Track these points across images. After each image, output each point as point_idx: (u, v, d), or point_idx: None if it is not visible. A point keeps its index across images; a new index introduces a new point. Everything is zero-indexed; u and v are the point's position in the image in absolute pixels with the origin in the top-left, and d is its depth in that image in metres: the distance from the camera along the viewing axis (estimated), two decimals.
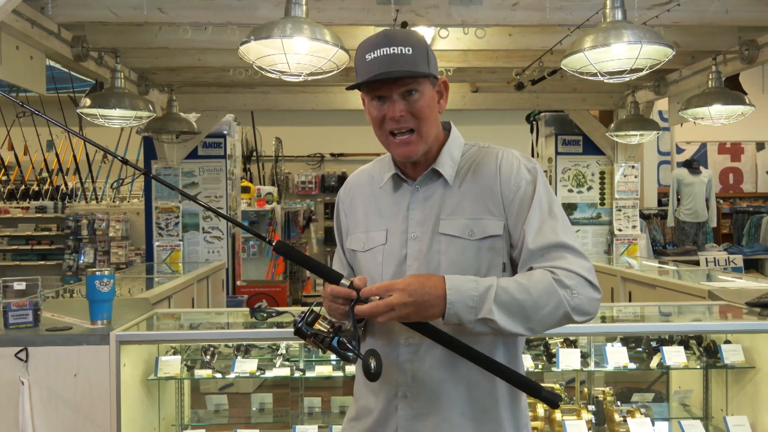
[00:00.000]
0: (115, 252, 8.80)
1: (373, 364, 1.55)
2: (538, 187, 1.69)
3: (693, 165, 9.23)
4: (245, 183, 8.53)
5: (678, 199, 9.23)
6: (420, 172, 1.75)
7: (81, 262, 8.85)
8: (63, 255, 9.02)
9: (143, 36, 4.75)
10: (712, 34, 4.87)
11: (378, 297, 1.55)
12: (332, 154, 11.37)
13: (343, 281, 1.60)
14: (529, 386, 1.60)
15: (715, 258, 7.19)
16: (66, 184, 9.75)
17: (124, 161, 1.98)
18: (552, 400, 1.58)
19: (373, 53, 1.63)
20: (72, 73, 7.89)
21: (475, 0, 4.18)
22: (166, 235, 6.54)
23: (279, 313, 3.18)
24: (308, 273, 9.76)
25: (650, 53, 3.06)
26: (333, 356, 3.29)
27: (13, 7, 3.09)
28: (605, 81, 3.24)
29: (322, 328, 1.60)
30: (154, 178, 1.95)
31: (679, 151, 11.51)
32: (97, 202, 9.42)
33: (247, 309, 3.28)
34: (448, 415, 1.67)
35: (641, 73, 3.17)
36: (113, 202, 9.33)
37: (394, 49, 1.61)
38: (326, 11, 4.10)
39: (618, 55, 3.07)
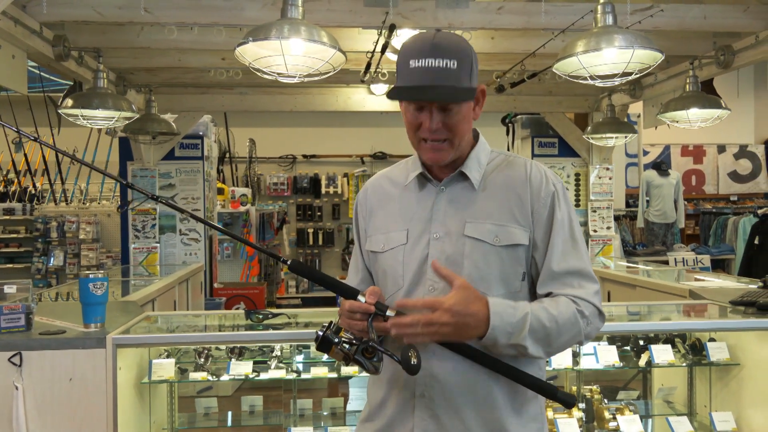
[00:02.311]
0: (86, 255, 8.63)
1: (413, 359, 1.56)
2: (564, 204, 1.75)
3: (662, 167, 9.42)
4: (219, 184, 8.45)
5: (647, 201, 9.41)
6: (446, 174, 1.77)
7: (50, 265, 8.67)
8: (32, 258, 8.82)
9: (124, 36, 4.70)
10: (688, 39, 4.99)
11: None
12: (304, 156, 11.32)
13: (360, 296, 1.63)
14: (546, 389, 1.66)
15: (683, 258, 7.36)
16: (34, 186, 9.55)
17: (130, 186, 1.96)
18: (567, 402, 1.66)
19: (418, 62, 1.61)
20: (42, 73, 7.76)
21: (462, 3, 4.22)
22: (142, 237, 6.46)
23: (274, 315, 3.18)
24: (282, 275, 9.73)
25: (640, 57, 3.13)
26: (325, 357, 3.35)
27: (3, 8, 3.03)
28: (596, 84, 3.30)
29: (346, 338, 1.62)
30: (166, 203, 1.95)
31: (644, 153, 11.74)
32: (67, 203, 9.24)
33: (242, 311, 3.27)
34: (464, 417, 1.68)
35: (631, 77, 3.24)
36: (83, 204, 9.16)
37: (438, 62, 1.60)
38: (314, 12, 4.10)
39: (610, 59, 3.14)
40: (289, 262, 1.73)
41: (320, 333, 1.61)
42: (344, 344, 1.60)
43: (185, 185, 6.65)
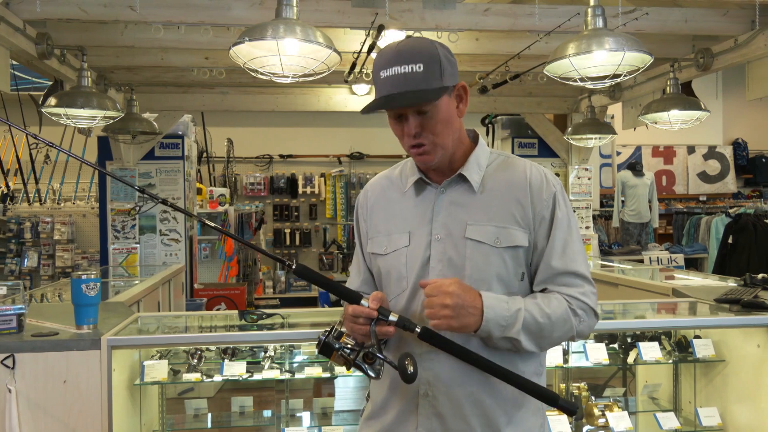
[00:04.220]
0: (61, 256, 8.52)
1: (410, 368, 1.59)
2: (564, 205, 1.78)
3: (637, 168, 9.56)
4: (198, 185, 8.39)
5: (622, 201, 9.54)
6: (445, 176, 1.79)
7: (24, 266, 8.53)
8: (5, 259, 8.67)
9: (107, 34, 4.65)
10: (667, 41, 5.08)
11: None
12: (281, 156, 11.27)
13: (363, 301, 1.65)
14: (547, 396, 1.68)
15: (658, 257, 7.47)
16: (7, 185, 9.37)
17: (141, 191, 1.97)
18: (569, 410, 1.67)
19: (386, 71, 1.66)
20: (16, 72, 7.62)
21: (449, 5, 4.25)
22: (122, 237, 6.38)
23: (269, 316, 3.17)
24: (261, 275, 9.68)
25: (630, 60, 3.18)
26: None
27: None
28: (587, 86, 3.35)
29: (347, 344, 1.64)
30: (175, 207, 1.94)
31: (617, 154, 11.90)
32: (41, 203, 9.09)
33: (236, 312, 3.25)
34: (467, 414, 1.71)
35: (620, 79, 3.29)
36: (57, 204, 9.02)
37: (405, 68, 1.63)
38: (302, 13, 4.05)
39: (600, 61, 3.18)
40: (294, 266, 1.73)
41: (322, 338, 1.64)
42: (345, 350, 1.63)
43: (165, 185, 6.60)
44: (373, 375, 1.64)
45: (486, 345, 1.68)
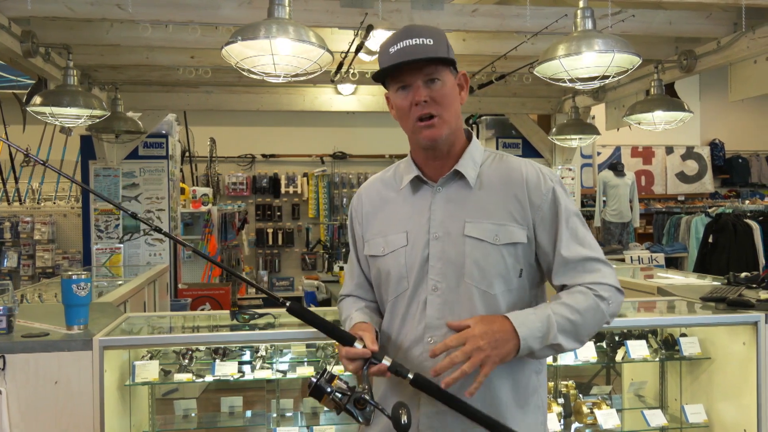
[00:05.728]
0: (41, 256, 8.41)
1: (404, 417, 1.59)
2: (564, 197, 1.79)
3: (618, 168, 9.65)
4: (180, 184, 8.34)
5: (603, 201, 9.63)
6: (441, 173, 1.79)
7: (3, 266, 8.42)
8: None
9: (92, 32, 4.60)
10: (651, 43, 5.14)
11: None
12: (263, 155, 11.23)
13: (356, 344, 1.66)
14: None
15: (639, 256, 7.54)
16: None
17: (134, 216, 1.95)
18: None
19: (396, 45, 1.69)
20: None
21: (437, 5, 4.27)
22: (105, 237, 6.33)
23: (260, 315, 3.16)
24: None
25: (619, 61, 3.22)
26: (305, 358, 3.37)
27: None
28: (576, 87, 3.38)
29: (339, 387, 1.64)
30: (157, 230, 1.94)
31: (597, 154, 12.00)
32: (20, 203, 8.98)
33: (227, 311, 3.24)
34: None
35: (608, 80, 3.33)
36: (37, 204, 8.92)
37: (416, 40, 1.68)
38: (291, 12, 4.09)
39: (590, 62, 3.22)
40: (288, 304, 1.74)
41: (314, 380, 1.63)
42: (336, 394, 1.63)
43: (149, 185, 6.55)
44: (362, 421, 1.64)
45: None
